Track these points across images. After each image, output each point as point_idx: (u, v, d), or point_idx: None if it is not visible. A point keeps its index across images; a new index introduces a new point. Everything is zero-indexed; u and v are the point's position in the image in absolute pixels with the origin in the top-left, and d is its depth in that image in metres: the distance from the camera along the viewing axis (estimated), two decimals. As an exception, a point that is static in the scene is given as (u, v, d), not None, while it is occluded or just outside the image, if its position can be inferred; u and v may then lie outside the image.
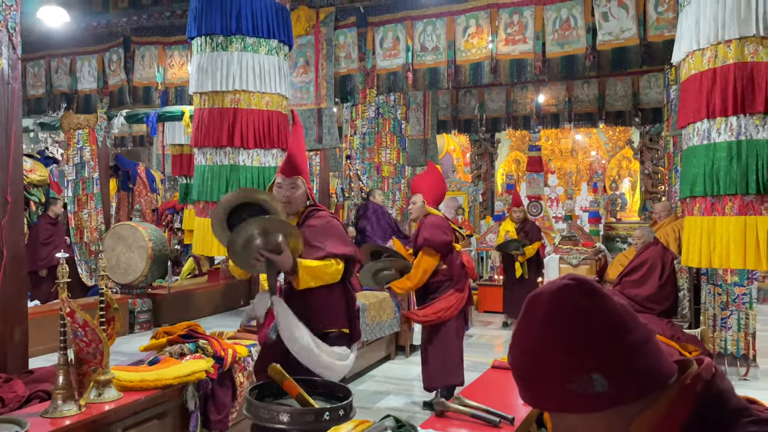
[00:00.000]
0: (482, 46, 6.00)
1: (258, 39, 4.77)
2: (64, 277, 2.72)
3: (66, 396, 2.66)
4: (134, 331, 6.78)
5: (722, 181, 3.60)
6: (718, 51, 3.63)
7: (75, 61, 7.71)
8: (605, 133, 14.08)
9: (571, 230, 8.61)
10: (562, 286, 0.96)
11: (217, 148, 4.80)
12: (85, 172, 7.98)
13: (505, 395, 2.85)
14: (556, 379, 0.92)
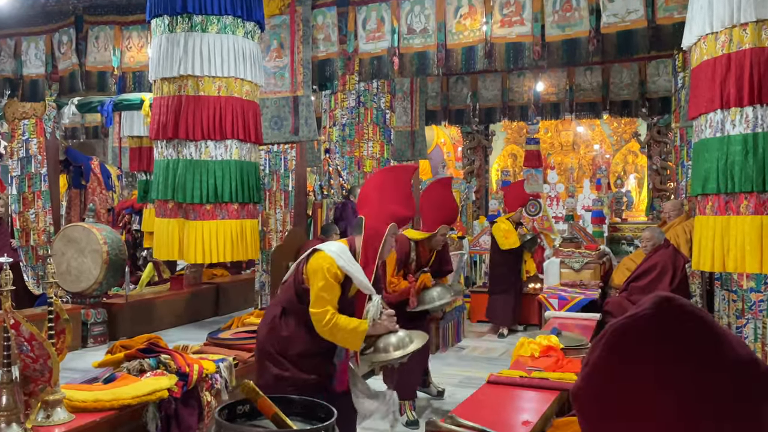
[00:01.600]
0: (476, 28, 6.01)
1: (233, 19, 4.77)
2: (8, 284, 2.67)
3: (10, 418, 2.62)
4: (87, 345, 6.71)
5: (737, 177, 3.64)
6: (732, 35, 3.67)
7: (20, 43, 7.61)
8: (609, 125, 14.20)
9: (572, 231, 8.66)
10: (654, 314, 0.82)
11: (179, 141, 4.78)
12: (31, 167, 7.88)
13: (502, 413, 2.86)
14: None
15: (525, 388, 3.18)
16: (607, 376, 0.86)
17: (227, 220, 4.83)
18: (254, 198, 5.01)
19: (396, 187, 3.36)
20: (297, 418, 1.55)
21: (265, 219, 7.15)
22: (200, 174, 4.76)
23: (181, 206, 4.84)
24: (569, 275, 7.29)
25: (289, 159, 7.30)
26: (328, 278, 2.93)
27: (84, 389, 3.07)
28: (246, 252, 5.00)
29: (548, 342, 3.77)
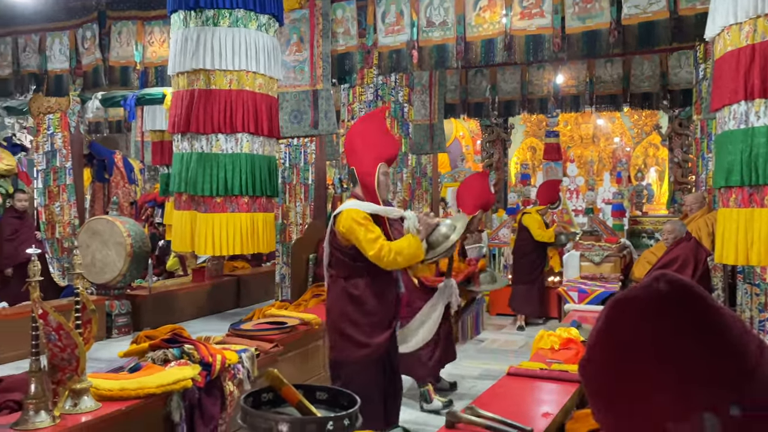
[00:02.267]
0: (495, 20, 5.98)
1: (249, 13, 4.76)
2: (36, 275, 2.72)
3: (38, 406, 2.67)
4: (112, 336, 6.80)
5: (761, 170, 3.59)
6: (757, 25, 3.61)
7: (45, 39, 7.70)
8: (630, 118, 14.04)
9: (592, 224, 8.61)
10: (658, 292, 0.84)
11: (198, 134, 4.79)
12: (56, 161, 7.98)
13: (522, 405, 2.85)
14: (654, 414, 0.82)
15: (545, 380, 3.17)
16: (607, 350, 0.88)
17: (237, 213, 4.81)
18: (266, 191, 4.96)
19: (374, 131, 3.56)
20: (321, 406, 1.57)
21: (285, 212, 7.18)
22: (210, 167, 4.75)
23: (194, 199, 4.86)
24: (589, 268, 7.25)
25: (308, 152, 7.32)
26: (362, 222, 3.23)
27: (110, 378, 3.11)
28: (257, 245, 4.91)
29: (568, 334, 3.75)
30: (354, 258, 3.32)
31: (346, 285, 3.37)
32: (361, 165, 3.47)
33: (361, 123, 3.83)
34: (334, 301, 3.44)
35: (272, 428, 1.38)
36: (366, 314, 3.32)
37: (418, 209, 9.49)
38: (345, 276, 3.38)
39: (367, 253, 3.22)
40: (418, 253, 3.28)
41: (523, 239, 7.69)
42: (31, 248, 2.87)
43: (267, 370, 1.56)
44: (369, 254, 3.22)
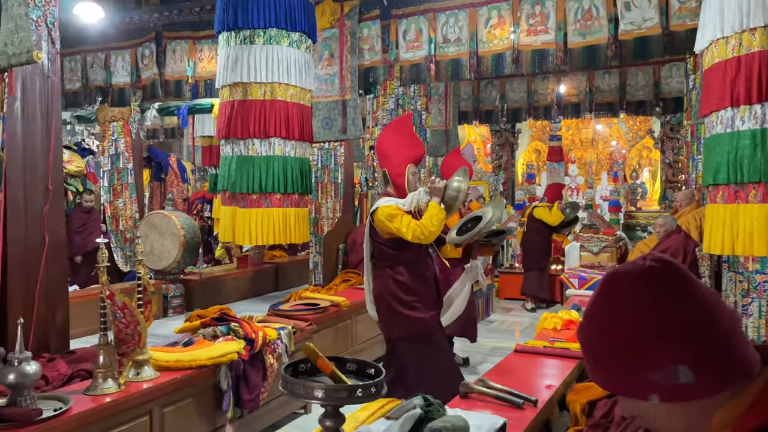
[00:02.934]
0: (504, 36, 5.93)
1: (281, 32, 4.75)
2: (104, 261, 2.77)
3: (106, 375, 2.73)
4: (168, 315, 6.90)
5: (746, 169, 3.52)
6: (742, 39, 3.53)
7: (109, 56, 7.81)
8: (626, 123, 13.85)
9: (591, 219, 8.51)
10: (648, 267, 0.90)
11: (237, 139, 4.81)
12: (119, 163, 8.10)
13: (527, 378, 2.84)
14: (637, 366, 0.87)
15: (548, 356, 3.15)
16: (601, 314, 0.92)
17: (271, 209, 4.79)
18: (297, 189, 4.87)
19: (402, 136, 3.69)
20: (350, 375, 1.58)
21: (318, 207, 7.22)
22: (247, 168, 4.76)
23: (234, 196, 4.88)
24: (588, 258, 7.18)
25: (338, 155, 7.35)
26: (395, 213, 3.28)
27: (167, 351, 3.16)
28: (290, 237, 4.83)
29: (569, 316, 3.73)
30: (395, 247, 3.35)
31: (391, 273, 3.38)
32: (392, 167, 3.57)
33: (390, 129, 3.91)
34: (382, 288, 3.43)
35: (309, 394, 1.41)
36: (412, 294, 3.34)
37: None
38: (389, 265, 3.40)
39: (407, 236, 3.25)
40: (441, 215, 3.33)
41: (534, 230, 7.64)
42: (99, 238, 2.93)
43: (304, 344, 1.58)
44: (408, 237, 3.25)
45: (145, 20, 7.26)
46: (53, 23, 3.80)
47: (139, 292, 2.94)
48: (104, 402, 2.65)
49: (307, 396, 1.41)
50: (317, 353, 1.49)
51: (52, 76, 3.79)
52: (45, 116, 3.70)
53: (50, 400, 2.61)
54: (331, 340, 4.64)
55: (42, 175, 3.65)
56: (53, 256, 3.65)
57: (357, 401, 1.43)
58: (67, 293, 3.83)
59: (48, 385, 2.97)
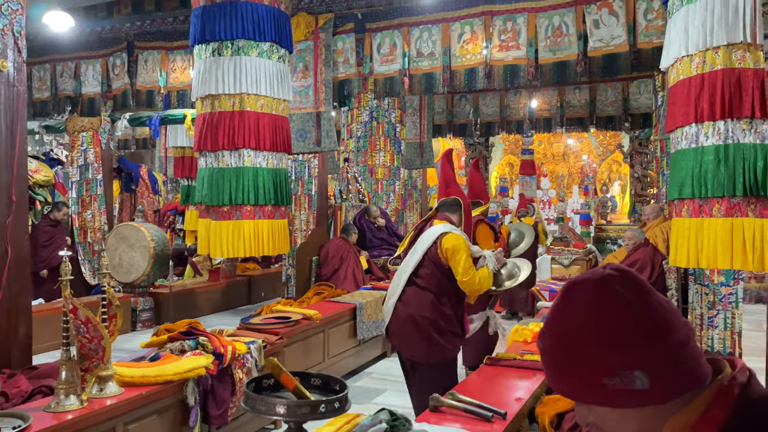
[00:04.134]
0: (477, 51, 6.00)
1: (258, 44, 4.73)
2: (67, 274, 2.70)
3: (68, 391, 2.65)
4: (136, 329, 6.76)
5: (710, 184, 3.60)
6: (706, 57, 3.63)
7: (80, 66, 7.69)
8: (596, 138, 14.11)
9: (562, 231, 8.61)
10: (606, 275, 0.92)
11: (207, 152, 4.75)
12: (89, 174, 7.95)
13: (497, 391, 2.85)
14: (594, 371, 0.88)
15: (518, 369, 3.16)
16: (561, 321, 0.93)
17: (242, 221, 4.72)
18: (270, 200, 4.82)
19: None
20: (314, 390, 1.55)
21: (291, 219, 7.17)
22: (218, 180, 4.68)
23: (208, 208, 4.83)
24: (559, 270, 7.25)
25: (312, 167, 7.33)
26: (466, 249, 3.25)
27: (132, 366, 3.09)
28: (262, 249, 4.78)
29: (539, 328, 3.74)
30: (450, 277, 3.27)
31: (435, 299, 3.27)
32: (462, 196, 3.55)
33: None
34: (421, 310, 3.28)
35: (271, 410, 1.38)
36: (451, 325, 3.29)
37: (410, 218, 9.48)
38: (435, 291, 3.28)
39: (461, 277, 3.21)
40: (490, 284, 3.36)
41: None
42: (68, 251, 2.86)
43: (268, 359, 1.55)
44: (461, 279, 3.22)
45: (117, 29, 7.17)
46: (20, 32, 3.73)
47: (104, 306, 2.87)
48: (66, 419, 2.57)
49: (268, 412, 1.38)
50: (280, 368, 1.46)
51: (18, 85, 3.72)
52: (9, 126, 3.62)
53: (9, 418, 2.52)
54: (303, 354, 4.59)
55: (5, 186, 3.56)
56: (16, 269, 3.55)
57: (320, 417, 1.40)
58: (30, 307, 3.73)
59: (8, 402, 2.88)
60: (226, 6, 4.66)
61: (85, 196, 7.98)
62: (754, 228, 3.49)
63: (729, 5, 3.53)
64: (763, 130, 3.49)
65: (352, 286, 6.48)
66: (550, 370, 0.95)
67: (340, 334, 5.22)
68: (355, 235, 7.09)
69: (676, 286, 5.61)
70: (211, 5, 4.71)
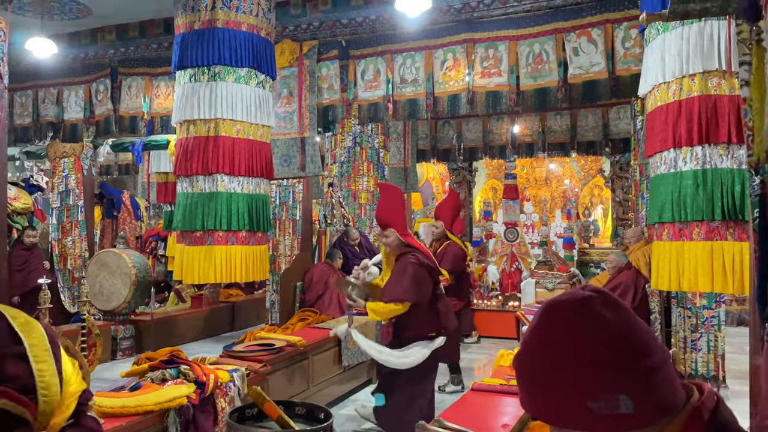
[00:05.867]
0: (459, 78, 6.09)
1: (235, 69, 4.73)
2: (47, 302, 2.65)
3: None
4: (117, 358, 6.62)
5: (689, 208, 3.66)
6: (683, 84, 3.72)
7: (62, 92, 7.66)
8: (578, 163, 14.30)
9: (546, 255, 8.66)
10: (586, 297, 0.91)
11: (182, 177, 4.72)
12: (69, 200, 7.85)
13: (484, 417, 2.82)
14: (578, 395, 0.87)
15: (505, 394, 3.14)
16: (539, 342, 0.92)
17: (213, 246, 4.63)
18: (245, 226, 4.74)
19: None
20: (299, 420, 1.53)
21: (275, 244, 7.13)
22: (191, 205, 4.61)
23: (183, 234, 4.77)
24: (544, 294, 7.26)
25: (296, 192, 7.32)
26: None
27: (112, 396, 3.02)
28: (234, 275, 4.69)
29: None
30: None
31: None
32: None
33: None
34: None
35: (255, 441, 1.35)
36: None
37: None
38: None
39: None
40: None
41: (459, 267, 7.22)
42: (42, 278, 2.81)
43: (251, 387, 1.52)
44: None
45: (101, 56, 7.16)
46: (2, 58, 3.72)
47: (83, 335, 2.81)
48: (41, 453, 2.49)
49: (252, 443, 1.35)
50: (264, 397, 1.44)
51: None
52: (-11, 152, 3.58)
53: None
54: (287, 382, 4.52)
55: (-17, 212, 3.50)
56: (-8, 298, 3.48)
57: (305, 447, 1.38)
58: (6, 336, 3.63)
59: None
60: (204, 33, 4.68)
61: (65, 223, 7.87)
62: (733, 251, 3.53)
63: (704, 34, 3.63)
64: (740, 155, 3.56)
65: (337, 312, 6.43)
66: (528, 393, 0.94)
67: (324, 360, 5.16)
68: (340, 260, 7.06)
69: (659, 309, 5.65)
70: (190, 32, 4.74)
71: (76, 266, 7.79)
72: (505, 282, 9.29)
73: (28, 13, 6.11)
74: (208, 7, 4.69)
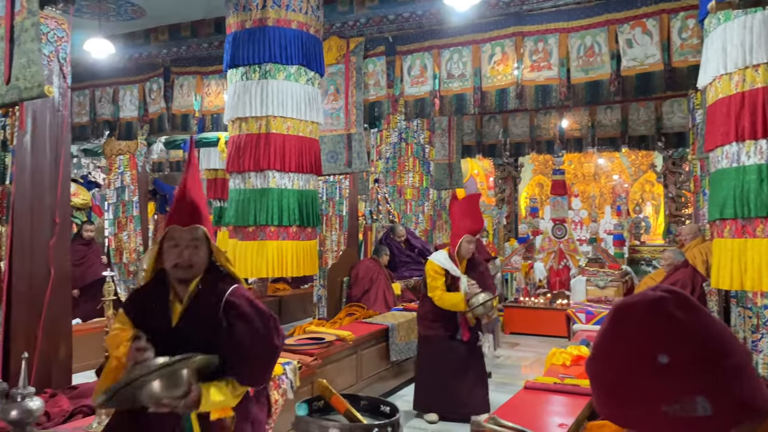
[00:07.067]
0: (508, 72, 6.00)
1: (285, 67, 4.79)
2: (110, 294, 2.75)
3: (109, 411, 2.67)
4: (170, 349, 6.80)
5: (753, 204, 3.51)
6: (746, 75, 3.57)
7: (118, 91, 7.91)
8: (628, 158, 13.92)
9: (596, 253, 8.47)
10: (658, 297, 0.89)
11: (237, 173, 4.81)
12: (125, 196, 8.13)
13: (539, 416, 2.79)
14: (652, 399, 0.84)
15: (558, 393, 3.10)
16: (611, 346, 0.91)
17: (266, 241, 4.70)
18: (295, 221, 4.81)
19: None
20: (364, 414, 1.54)
21: (322, 240, 7.21)
22: (243, 201, 4.71)
23: (236, 229, 4.87)
24: (594, 292, 7.11)
25: (343, 188, 7.37)
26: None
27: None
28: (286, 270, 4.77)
29: (578, 352, 3.68)
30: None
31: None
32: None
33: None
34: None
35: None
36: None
37: (439, 237, 9.46)
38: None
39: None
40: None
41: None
42: (104, 270, 2.92)
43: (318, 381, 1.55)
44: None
45: (154, 55, 7.37)
46: (65, 59, 3.86)
47: (145, 326, 2.90)
48: (106, 439, 2.59)
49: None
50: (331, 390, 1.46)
51: (62, 110, 3.84)
52: (54, 149, 3.73)
53: (52, 438, 2.56)
54: (336, 376, 4.57)
55: (49, 208, 3.65)
56: (58, 290, 3.63)
57: (371, 440, 1.40)
58: (70, 327, 3.80)
59: (49, 421, 2.93)
60: (255, 31, 4.76)
61: (121, 218, 8.15)
62: (800, 249, 3.38)
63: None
64: (808, 148, 3.40)
65: (383, 308, 6.46)
66: (601, 398, 0.92)
67: (372, 355, 5.20)
68: (386, 257, 7.09)
69: (718, 309, 5.46)
70: (242, 31, 4.82)
71: (132, 260, 8.06)
72: (553, 279, 9.15)
73: (85, 14, 6.33)
74: (259, 6, 4.76)
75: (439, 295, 4.73)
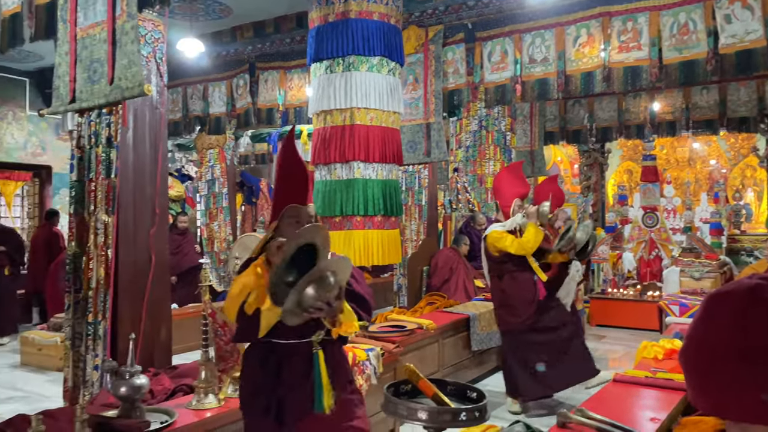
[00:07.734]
0: (594, 54, 5.79)
1: (368, 59, 4.84)
2: (206, 281, 2.92)
3: (208, 390, 2.85)
4: (258, 334, 7.11)
5: None
6: None
7: (207, 88, 8.29)
8: (726, 141, 13.05)
9: (691, 242, 8.03)
10: (754, 285, 0.87)
11: (323, 165, 4.92)
12: (215, 188, 8.53)
13: (629, 410, 2.71)
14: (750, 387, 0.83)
15: (650, 387, 2.98)
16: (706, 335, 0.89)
17: (352, 231, 4.78)
18: (380, 210, 4.88)
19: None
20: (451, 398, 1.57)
21: (402, 229, 7.26)
22: (330, 192, 4.81)
23: (323, 220, 4.97)
24: (689, 283, 6.74)
25: (422, 177, 7.39)
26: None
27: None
28: (371, 258, 4.85)
29: (672, 345, 3.52)
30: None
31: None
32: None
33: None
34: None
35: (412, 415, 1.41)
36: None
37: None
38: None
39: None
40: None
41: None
42: (200, 258, 3.09)
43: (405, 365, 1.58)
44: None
45: (240, 52, 7.67)
46: (161, 58, 4.10)
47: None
48: (205, 417, 2.77)
49: (409, 417, 1.41)
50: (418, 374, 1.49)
51: (160, 108, 4.08)
52: (153, 145, 3.98)
53: (156, 413, 2.76)
54: (418, 363, 4.59)
55: (150, 199, 3.91)
56: (158, 276, 3.88)
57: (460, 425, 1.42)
58: (170, 311, 4.06)
59: (153, 398, 3.15)
60: (338, 24, 4.84)
61: (212, 209, 8.57)
62: None
63: None
64: None
65: (464, 297, 6.43)
66: (696, 389, 0.90)
67: (454, 344, 5.21)
68: (466, 246, 7.05)
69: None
70: (324, 25, 4.92)
71: (222, 249, 8.46)
72: (643, 270, 8.77)
73: (177, 16, 6.67)
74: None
75: (512, 241, 4.43)
